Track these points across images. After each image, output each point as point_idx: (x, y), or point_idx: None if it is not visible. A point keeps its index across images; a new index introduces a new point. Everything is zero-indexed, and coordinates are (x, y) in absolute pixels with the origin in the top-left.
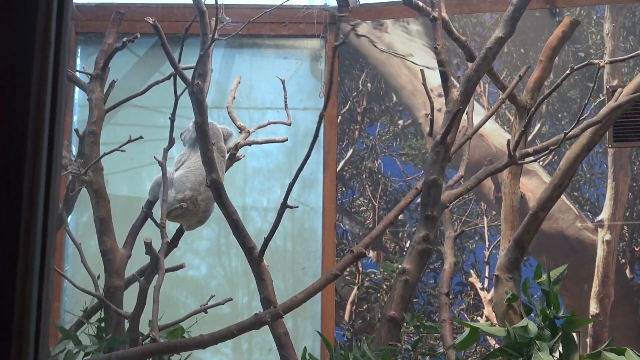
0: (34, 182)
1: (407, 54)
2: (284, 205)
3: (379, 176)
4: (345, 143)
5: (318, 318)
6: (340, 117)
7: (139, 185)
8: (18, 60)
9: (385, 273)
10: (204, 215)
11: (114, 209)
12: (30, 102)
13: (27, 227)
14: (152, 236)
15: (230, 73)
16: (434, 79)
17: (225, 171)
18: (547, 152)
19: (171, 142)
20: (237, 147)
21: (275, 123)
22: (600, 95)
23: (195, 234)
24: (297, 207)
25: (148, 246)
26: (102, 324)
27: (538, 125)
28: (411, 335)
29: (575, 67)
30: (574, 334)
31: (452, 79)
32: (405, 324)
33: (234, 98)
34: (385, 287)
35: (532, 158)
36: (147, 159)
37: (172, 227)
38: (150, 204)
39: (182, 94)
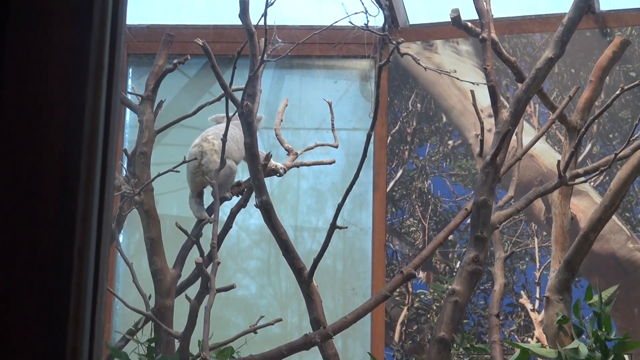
0: (87, 205)
1: (452, 70)
2: (333, 226)
3: (429, 197)
4: (395, 163)
5: (368, 339)
6: (390, 138)
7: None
8: (72, 84)
9: (435, 294)
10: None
11: (164, 229)
12: (84, 127)
13: (80, 249)
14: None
15: (279, 94)
16: (484, 99)
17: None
18: (597, 172)
19: (223, 163)
20: (286, 169)
21: (322, 145)
22: None
23: (245, 252)
24: (347, 227)
25: (199, 266)
26: (153, 344)
27: (589, 146)
28: (461, 356)
29: (626, 87)
30: (626, 357)
31: (502, 99)
32: (455, 345)
33: (282, 120)
34: (435, 308)
35: (582, 179)
36: None
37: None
38: (199, 224)
39: (233, 115)
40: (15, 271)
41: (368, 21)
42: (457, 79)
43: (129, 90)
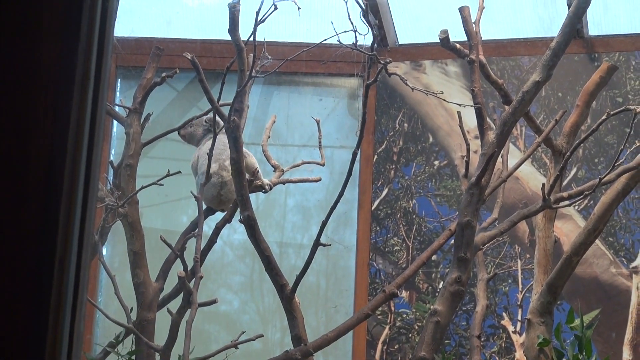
0: (69, 216)
1: (440, 91)
2: (317, 243)
3: (414, 216)
4: (380, 182)
5: (349, 357)
6: (376, 156)
7: (174, 218)
8: (57, 96)
9: (418, 313)
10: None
11: (148, 242)
12: (68, 138)
13: (61, 260)
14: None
15: (267, 110)
16: (471, 120)
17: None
18: (581, 196)
19: (208, 177)
20: (272, 186)
21: (308, 163)
22: (637, 141)
23: (229, 267)
24: (330, 245)
25: (181, 280)
26: (133, 357)
27: (574, 170)
28: None
29: (612, 112)
30: None
31: (489, 121)
32: None
33: (269, 137)
34: (417, 327)
35: (566, 202)
36: (184, 193)
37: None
38: (183, 238)
39: (220, 130)
40: None
41: (357, 40)
42: (444, 100)
43: (117, 103)
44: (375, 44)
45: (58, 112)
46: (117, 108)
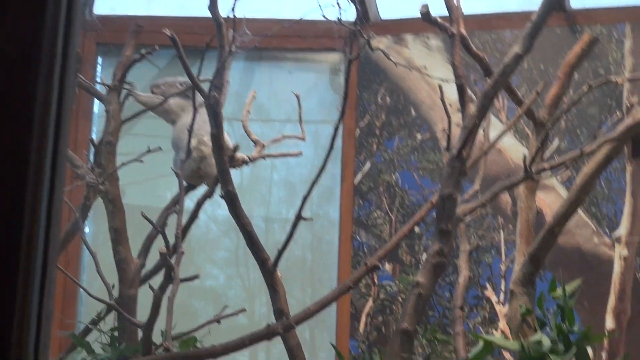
0: (36, 195)
1: (423, 66)
2: (299, 217)
3: (397, 189)
4: (363, 156)
5: (333, 330)
6: (358, 131)
7: (155, 195)
8: (22, 74)
9: (401, 285)
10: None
11: (130, 219)
12: (34, 116)
13: (29, 238)
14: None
15: (249, 85)
16: (453, 94)
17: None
18: (563, 167)
19: (189, 153)
20: (252, 160)
21: (289, 137)
22: (618, 112)
23: (213, 243)
24: (312, 219)
25: (163, 256)
26: (116, 333)
27: (556, 142)
28: (425, 347)
29: (593, 84)
30: (589, 349)
31: (470, 93)
32: (418, 337)
33: (249, 112)
34: (400, 299)
35: (548, 173)
36: (165, 170)
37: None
38: (165, 214)
39: (200, 106)
40: None
41: (340, 15)
42: (427, 75)
43: (97, 80)
44: (358, 20)
45: (23, 90)
46: (98, 86)
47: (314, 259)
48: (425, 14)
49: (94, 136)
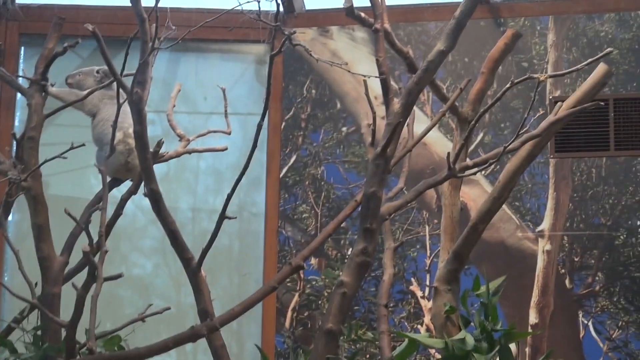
0: None
1: (350, 61)
2: (222, 216)
3: (322, 183)
4: (288, 149)
5: (259, 325)
6: (284, 124)
7: (80, 185)
8: None
9: (327, 280)
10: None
11: (55, 212)
12: None
13: None
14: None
15: (175, 76)
16: (378, 86)
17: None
18: (486, 165)
19: (112, 149)
20: (177, 155)
21: (214, 132)
22: (540, 109)
23: (140, 232)
24: (236, 217)
25: (86, 255)
26: (39, 332)
27: (481, 135)
28: (351, 345)
29: (516, 81)
30: (512, 346)
31: (394, 84)
32: (343, 337)
33: (174, 105)
34: (326, 294)
35: (472, 171)
36: (90, 160)
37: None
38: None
39: (124, 102)
40: None
41: (260, 10)
42: (349, 71)
43: (20, 72)
44: (280, 14)
45: None
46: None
47: (241, 248)
48: (349, 9)
49: (16, 130)
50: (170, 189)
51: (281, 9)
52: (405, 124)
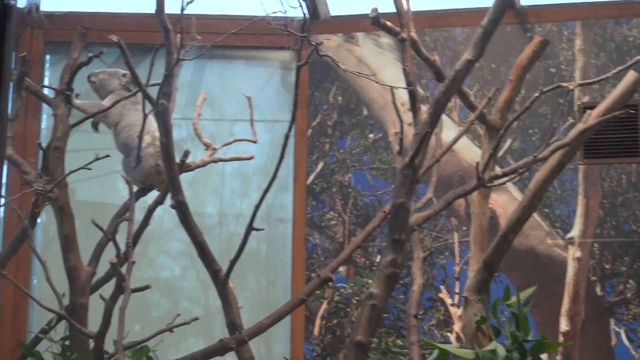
0: None
1: (376, 67)
2: (250, 227)
3: (349, 190)
4: (315, 156)
5: (288, 332)
6: (310, 130)
7: (108, 192)
8: None
9: (355, 288)
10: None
11: (83, 217)
12: None
13: None
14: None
15: (200, 83)
16: (405, 92)
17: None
18: (516, 175)
19: (139, 160)
20: (204, 164)
21: (240, 140)
22: (570, 118)
23: (168, 234)
24: (264, 229)
25: (113, 267)
26: (67, 342)
27: (509, 141)
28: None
29: (545, 90)
30: (544, 354)
31: (420, 91)
32: (372, 350)
33: (200, 114)
34: (355, 302)
35: (501, 180)
36: (117, 165)
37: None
38: (116, 220)
39: (150, 113)
40: None
41: (287, 23)
42: (377, 82)
43: (46, 81)
44: (306, 26)
45: None
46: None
47: (268, 253)
48: (375, 18)
49: (42, 135)
50: (197, 192)
51: (307, 13)
52: (434, 134)
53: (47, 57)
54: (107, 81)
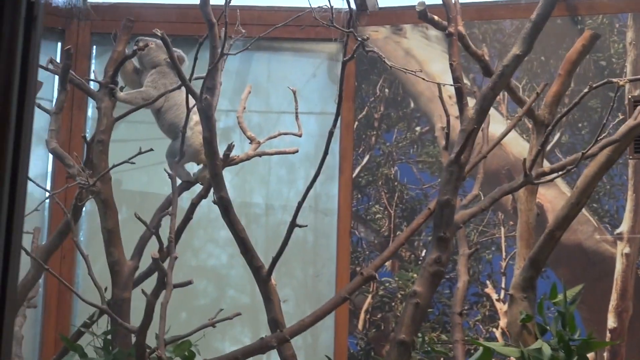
0: None
1: (423, 59)
2: (293, 224)
3: (395, 183)
4: (361, 149)
5: (332, 327)
6: (357, 123)
7: (154, 181)
8: None
9: (400, 282)
10: None
11: (130, 206)
12: None
13: None
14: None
15: (247, 74)
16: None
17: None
18: (564, 172)
19: (182, 154)
20: (248, 158)
21: (285, 134)
22: (620, 114)
23: (215, 222)
24: (307, 225)
25: (155, 262)
26: (109, 337)
27: (557, 135)
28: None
29: (594, 85)
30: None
31: (467, 82)
32: (416, 348)
33: (245, 108)
34: (400, 296)
35: (548, 177)
36: (163, 155)
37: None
38: (159, 215)
39: (193, 107)
40: None
41: (332, 8)
42: (423, 79)
43: (91, 73)
44: (353, 15)
45: None
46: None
47: (314, 242)
48: (422, 12)
49: (88, 126)
50: (243, 181)
51: (353, 6)
52: (480, 130)
53: (94, 47)
54: (154, 52)
